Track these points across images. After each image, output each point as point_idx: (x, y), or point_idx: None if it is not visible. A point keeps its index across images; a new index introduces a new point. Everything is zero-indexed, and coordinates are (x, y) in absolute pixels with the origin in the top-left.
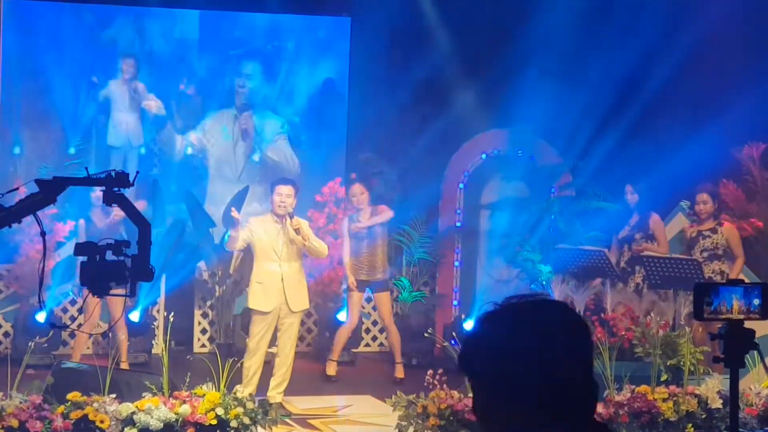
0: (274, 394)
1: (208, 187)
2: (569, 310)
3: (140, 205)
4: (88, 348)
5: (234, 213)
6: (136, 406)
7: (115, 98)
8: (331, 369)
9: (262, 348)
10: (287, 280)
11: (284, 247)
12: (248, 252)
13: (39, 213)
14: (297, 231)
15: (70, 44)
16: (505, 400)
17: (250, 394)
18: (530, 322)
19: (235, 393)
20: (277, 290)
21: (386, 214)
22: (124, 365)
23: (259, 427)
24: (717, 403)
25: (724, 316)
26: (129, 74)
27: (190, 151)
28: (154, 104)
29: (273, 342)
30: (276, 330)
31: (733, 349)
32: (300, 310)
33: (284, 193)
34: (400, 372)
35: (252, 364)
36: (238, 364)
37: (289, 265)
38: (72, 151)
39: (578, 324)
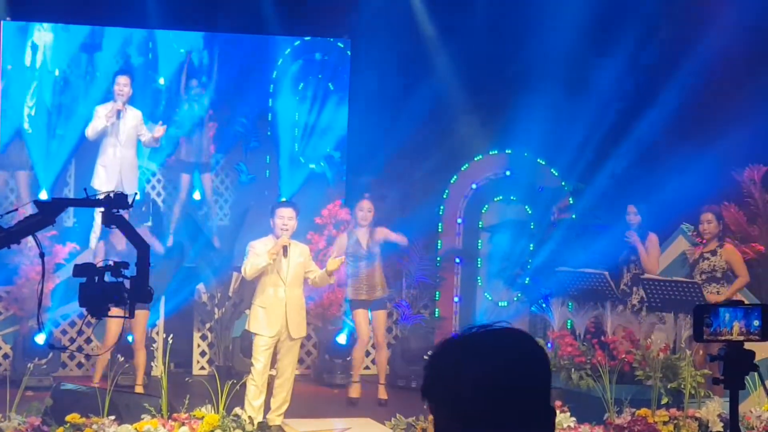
0: (274, 417)
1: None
2: (527, 339)
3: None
4: (86, 369)
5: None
6: (135, 428)
7: (105, 129)
8: (354, 391)
9: (267, 372)
10: (290, 306)
11: (289, 272)
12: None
13: (38, 234)
14: (330, 274)
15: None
16: (461, 426)
17: (250, 417)
18: (487, 349)
19: (236, 414)
20: (279, 315)
21: (401, 238)
22: (138, 388)
23: None
24: (718, 426)
25: (723, 338)
26: (123, 96)
27: (198, 196)
28: (151, 135)
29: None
30: (276, 353)
31: (733, 371)
32: (299, 338)
33: (286, 216)
34: (383, 393)
35: (261, 391)
36: (237, 387)
37: (293, 291)
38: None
39: (534, 353)
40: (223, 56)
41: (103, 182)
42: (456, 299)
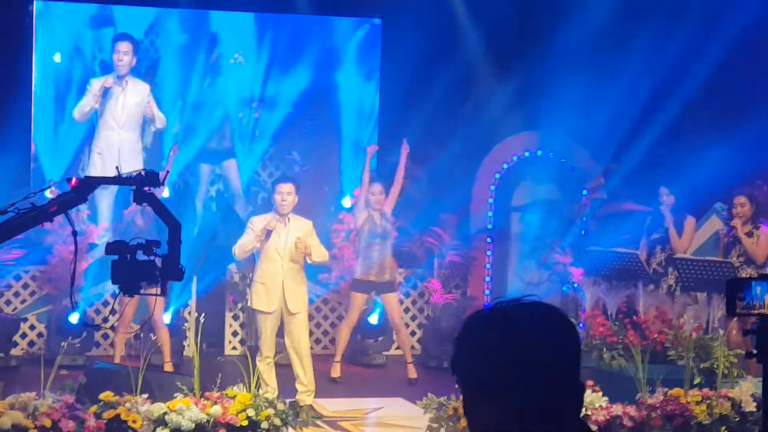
0: (304, 397)
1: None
2: (556, 313)
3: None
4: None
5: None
6: (168, 407)
7: (102, 106)
8: (335, 371)
9: (271, 349)
10: (287, 280)
11: (287, 246)
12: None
13: (71, 213)
14: (308, 256)
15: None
16: (490, 400)
17: (283, 399)
18: (514, 324)
19: (264, 394)
20: (277, 291)
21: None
22: (168, 366)
23: (290, 429)
24: (751, 406)
25: (756, 311)
26: (123, 66)
27: (214, 191)
28: (161, 117)
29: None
30: (286, 333)
31: (766, 344)
32: (298, 312)
33: (285, 192)
34: (412, 372)
35: (267, 368)
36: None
37: (290, 265)
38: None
39: (563, 327)
40: (268, 33)
41: (99, 173)
42: (487, 279)
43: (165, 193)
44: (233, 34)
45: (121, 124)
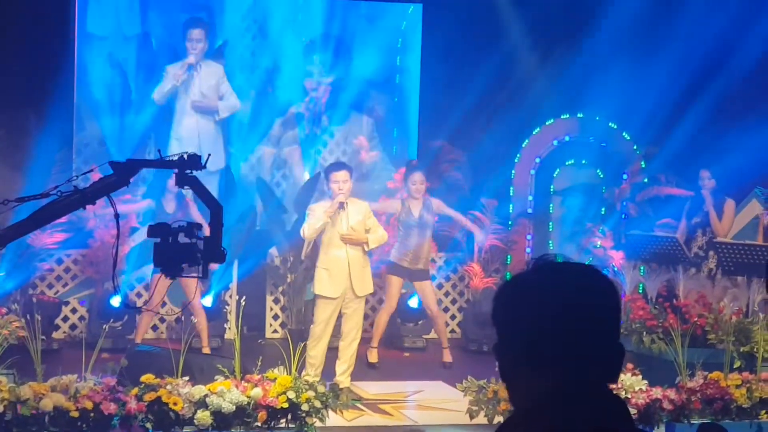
0: (342, 379)
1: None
2: (596, 274)
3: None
4: (161, 332)
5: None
6: (209, 389)
7: (178, 95)
8: (373, 356)
9: (327, 334)
10: (353, 265)
11: (348, 230)
12: (318, 238)
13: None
14: (365, 245)
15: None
16: (528, 361)
17: (323, 380)
18: (554, 284)
19: (304, 377)
20: (343, 276)
21: (457, 215)
22: (205, 350)
23: (330, 411)
24: None
25: None
26: (197, 53)
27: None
28: (228, 103)
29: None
30: (340, 316)
31: None
32: (365, 295)
33: (340, 180)
34: (448, 356)
35: (318, 353)
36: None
37: (354, 250)
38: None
39: (603, 287)
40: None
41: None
42: (528, 263)
43: None
44: (292, 19)
45: (198, 108)
